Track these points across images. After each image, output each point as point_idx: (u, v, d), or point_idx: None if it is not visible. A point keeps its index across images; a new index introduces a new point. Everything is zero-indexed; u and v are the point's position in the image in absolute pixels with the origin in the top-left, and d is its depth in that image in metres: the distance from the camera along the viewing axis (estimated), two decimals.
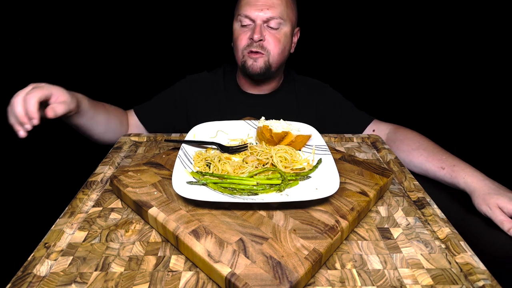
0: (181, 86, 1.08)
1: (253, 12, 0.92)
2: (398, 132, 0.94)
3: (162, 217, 0.51)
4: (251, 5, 0.92)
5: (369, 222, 0.57)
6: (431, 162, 0.80)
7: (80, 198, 0.61)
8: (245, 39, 0.95)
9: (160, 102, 1.07)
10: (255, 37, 0.91)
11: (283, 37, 0.96)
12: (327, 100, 1.07)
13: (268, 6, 0.91)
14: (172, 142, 0.82)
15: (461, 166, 0.75)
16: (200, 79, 1.08)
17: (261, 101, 1.06)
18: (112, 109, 0.97)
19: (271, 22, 0.93)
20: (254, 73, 0.97)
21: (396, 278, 0.45)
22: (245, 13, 0.93)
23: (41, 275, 0.45)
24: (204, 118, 1.01)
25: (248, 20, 0.93)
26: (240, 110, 1.01)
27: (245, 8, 0.93)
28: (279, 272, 0.42)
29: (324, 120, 1.05)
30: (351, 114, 1.05)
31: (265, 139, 0.70)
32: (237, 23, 0.97)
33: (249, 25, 0.95)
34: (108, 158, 0.76)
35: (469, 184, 0.71)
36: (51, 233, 0.52)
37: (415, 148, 0.85)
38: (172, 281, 0.44)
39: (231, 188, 0.57)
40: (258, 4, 0.92)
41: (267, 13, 0.91)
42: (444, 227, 0.55)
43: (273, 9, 0.92)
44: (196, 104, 1.05)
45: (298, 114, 1.04)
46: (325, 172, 0.60)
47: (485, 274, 0.45)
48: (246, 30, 0.95)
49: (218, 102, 1.05)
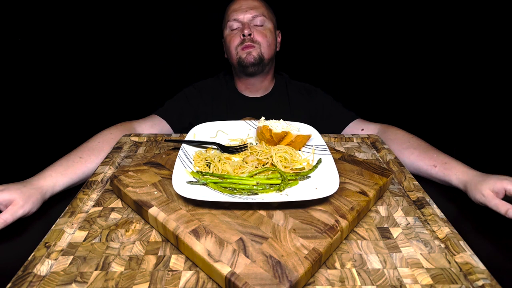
0: (189, 90, 1.15)
1: (239, 15, 1.05)
2: (388, 132, 0.96)
3: (162, 216, 0.51)
4: (236, 10, 1.06)
5: (369, 222, 0.57)
6: (422, 161, 0.81)
7: (81, 198, 0.61)
8: (237, 39, 1.06)
9: (178, 103, 1.13)
10: (245, 32, 1.03)
11: (268, 32, 1.08)
12: (317, 103, 1.14)
13: (251, 7, 1.06)
14: (172, 142, 0.82)
15: (452, 163, 0.76)
16: (205, 84, 1.17)
17: (256, 103, 1.14)
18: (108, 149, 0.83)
19: (256, 20, 1.06)
20: (249, 63, 1.05)
21: (396, 278, 0.45)
22: (233, 17, 1.06)
23: (41, 275, 0.45)
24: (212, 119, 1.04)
25: (236, 23, 1.07)
26: (240, 112, 1.07)
27: (232, 14, 1.07)
28: (279, 272, 0.42)
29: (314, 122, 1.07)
30: (336, 110, 1.13)
31: (265, 139, 0.70)
32: (227, 31, 1.09)
33: (237, 27, 1.07)
34: (108, 158, 0.76)
35: (461, 179, 0.72)
36: (51, 232, 0.52)
37: (406, 148, 0.86)
38: (172, 281, 0.44)
39: (231, 188, 0.57)
40: (243, 8, 1.06)
41: (251, 13, 1.05)
42: (444, 227, 0.55)
43: (255, 10, 1.06)
44: (205, 105, 1.13)
45: (291, 116, 1.11)
46: (325, 172, 0.61)
47: (485, 274, 0.45)
48: (236, 32, 1.07)
49: (223, 105, 1.13)
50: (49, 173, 0.70)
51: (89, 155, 0.78)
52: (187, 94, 1.14)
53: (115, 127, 0.92)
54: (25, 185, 0.65)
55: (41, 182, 0.68)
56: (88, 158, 0.77)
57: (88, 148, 0.80)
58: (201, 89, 1.15)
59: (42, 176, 0.69)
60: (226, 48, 1.12)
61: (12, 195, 0.61)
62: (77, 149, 0.81)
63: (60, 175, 0.71)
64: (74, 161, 0.76)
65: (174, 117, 1.09)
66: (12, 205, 0.60)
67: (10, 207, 0.60)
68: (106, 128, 0.91)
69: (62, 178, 0.71)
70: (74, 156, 0.77)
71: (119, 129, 0.92)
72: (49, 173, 0.70)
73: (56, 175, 0.71)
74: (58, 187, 0.70)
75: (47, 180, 0.69)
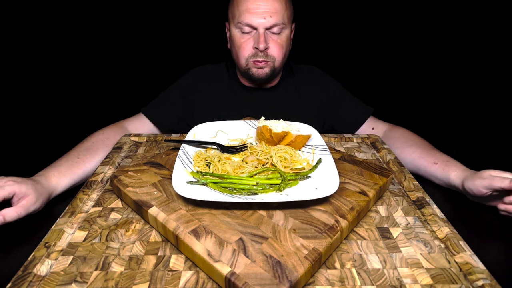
0: (185, 79, 1.06)
1: (255, 20, 0.89)
2: (394, 130, 0.97)
3: (162, 216, 0.51)
4: (252, 13, 0.88)
5: (369, 222, 0.57)
6: (423, 158, 0.81)
7: (81, 198, 0.61)
8: (249, 48, 0.93)
9: (168, 98, 1.04)
10: (261, 46, 0.90)
11: (285, 41, 0.95)
12: (327, 90, 1.06)
13: (270, 13, 0.88)
14: (172, 142, 0.82)
15: (454, 162, 0.77)
16: (204, 71, 1.07)
17: (263, 95, 1.05)
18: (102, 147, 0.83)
19: (273, 29, 0.91)
20: (259, 79, 0.97)
21: (396, 278, 0.45)
22: (246, 21, 0.89)
23: (41, 275, 0.45)
24: (210, 111, 0.98)
25: (249, 28, 0.91)
26: (244, 104, 1.02)
27: (245, 16, 0.89)
28: (279, 272, 0.42)
29: (324, 111, 1.06)
30: (349, 108, 1.05)
31: (265, 139, 0.70)
32: (236, 30, 0.94)
33: (250, 32, 0.92)
34: (108, 158, 0.76)
35: (459, 175, 0.72)
36: (51, 232, 0.52)
37: (409, 146, 0.87)
38: (172, 281, 0.44)
39: (231, 188, 0.57)
40: (260, 11, 0.88)
41: (270, 20, 0.89)
42: (444, 227, 0.55)
43: (275, 16, 0.89)
44: (202, 96, 1.04)
45: (301, 105, 1.04)
46: (325, 172, 0.61)
47: (485, 274, 0.45)
48: (248, 37, 0.93)
49: (223, 96, 1.04)
50: (53, 173, 0.70)
51: (85, 155, 0.79)
52: (181, 86, 1.05)
53: (107, 128, 0.92)
54: (37, 182, 0.65)
55: (48, 182, 0.68)
56: (86, 158, 0.78)
57: (84, 149, 0.81)
58: (198, 77, 1.05)
59: (47, 176, 0.69)
60: (232, 47, 0.99)
61: (28, 190, 0.61)
62: (73, 149, 0.81)
63: (62, 176, 0.71)
64: (73, 161, 0.76)
65: (161, 118, 1.01)
66: (26, 201, 0.61)
67: (25, 202, 0.60)
68: (98, 130, 0.91)
69: (65, 179, 0.72)
70: (73, 156, 0.77)
71: (111, 128, 0.92)
72: (52, 174, 0.70)
73: (59, 175, 0.71)
74: (61, 188, 0.71)
75: (53, 181, 0.69)
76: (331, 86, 1.07)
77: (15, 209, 0.59)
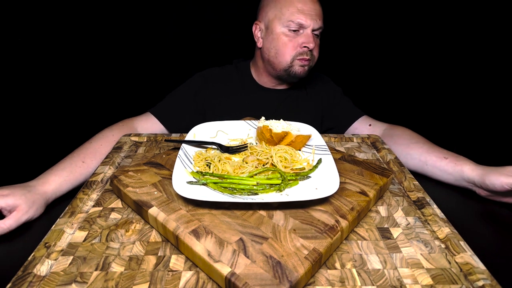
0: (195, 81, 1.06)
1: (307, 21, 0.93)
2: (395, 128, 0.97)
3: (162, 217, 0.51)
4: (305, 14, 0.93)
5: (369, 222, 0.57)
6: (432, 153, 0.81)
7: (81, 198, 0.61)
8: (296, 46, 0.96)
9: (178, 99, 1.04)
10: (310, 46, 0.94)
11: (319, 42, 1.01)
12: (329, 94, 1.12)
13: (318, 16, 0.95)
14: (172, 142, 0.82)
15: (463, 157, 0.77)
16: (212, 73, 1.08)
17: (281, 95, 1.07)
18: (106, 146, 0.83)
19: (317, 31, 0.97)
20: (299, 77, 1.00)
21: (396, 278, 0.45)
22: (298, 20, 0.93)
23: (41, 275, 0.45)
24: (224, 111, 0.99)
25: (297, 27, 0.94)
26: (260, 105, 1.03)
27: (297, 14, 0.93)
28: (279, 272, 0.42)
29: (323, 111, 1.11)
30: (344, 108, 1.11)
31: (265, 139, 0.70)
32: (283, 28, 0.95)
33: (296, 31, 0.95)
34: (108, 158, 0.76)
35: (474, 168, 0.72)
36: (51, 233, 0.52)
37: (415, 142, 0.86)
38: (172, 281, 0.44)
39: (231, 188, 0.57)
40: (312, 13, 0.94)
41: (318, 23, 0.95)
42: (444, 227, 0.55)
43: (320, 20, 0.96)
44: (215, 97, 1.04)
45: (310, 107, 1.09)
46: (325, 172, 0.60)
47: (485, 274, 0.45)
48: (294, 36, 0.96)
49: (237, 95, 1.05)
50: (53, 178, 0.69)
51: (91, 159, 0.77)
52: (191, 87, 1.05)
53: (116, 127, 0.91)
54: (29, 190, 0.64)
55: (46, 187, 0.67)
56: (91, 163, 0.77)
57: (91, 151, 0.79)
58: (208, 78, 1.06)
59: (46, 181, 0.68)
60: (273, 45, 0.98)
61: (17, 201, 0.60)
62: (79, 150, 0.79)
63: (63, 181, 0.71)
64: (77, 165, 0.75)
65: (171, 119, 1.01)
66: (17, 212, 0.60)
67: (15, 213, 0.59)
68: (108, 127, 0.90)
69: (66, 184, 0.71)
70: (77, 160, 0.76)
71: (120, 128, 0.91)
72: (53, 178, 0.69)
73: (60, 180, 0.70)
74: (61, 192, 0.70)
75: (51, 185, 0.68)
76: (333, 91, 1.13)
77: (4, 221, 0.58)
